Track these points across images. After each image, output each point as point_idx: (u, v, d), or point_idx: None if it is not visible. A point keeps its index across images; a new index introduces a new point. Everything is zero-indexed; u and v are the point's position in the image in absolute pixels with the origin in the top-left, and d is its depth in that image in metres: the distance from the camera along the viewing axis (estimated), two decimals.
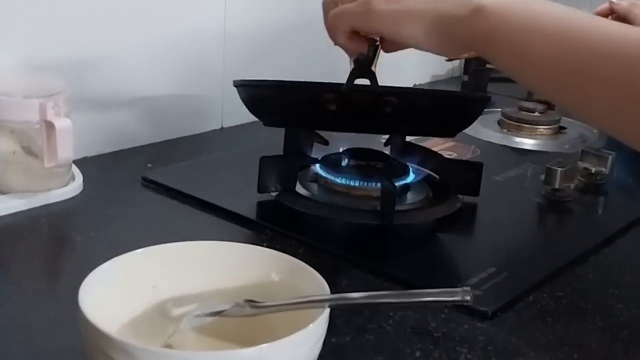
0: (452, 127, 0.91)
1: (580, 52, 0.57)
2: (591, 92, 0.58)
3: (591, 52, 0.57)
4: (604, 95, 0.57)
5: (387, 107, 0.81)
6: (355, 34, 0.73)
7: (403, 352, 0.64)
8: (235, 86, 0.90)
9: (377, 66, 0.79)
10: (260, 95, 0.90)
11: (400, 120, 0.85)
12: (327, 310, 0.54)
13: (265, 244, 0.75)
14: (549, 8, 0.62)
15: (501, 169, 1.05)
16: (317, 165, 0.94)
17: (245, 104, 0.90)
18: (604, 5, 1.02)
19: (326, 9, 0.75)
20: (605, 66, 0.56)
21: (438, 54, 0.69)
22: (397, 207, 0.87)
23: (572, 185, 0.98)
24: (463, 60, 1.60)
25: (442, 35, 0.66)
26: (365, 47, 0.74)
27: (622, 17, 1.00)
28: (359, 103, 0.81)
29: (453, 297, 0.56)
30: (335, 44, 0.74)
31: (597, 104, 0.58)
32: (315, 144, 0.95)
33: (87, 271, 0.56)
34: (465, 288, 0.56)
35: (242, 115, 0.91)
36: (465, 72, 1.58)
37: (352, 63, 0.79)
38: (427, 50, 0.69)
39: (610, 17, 1.02)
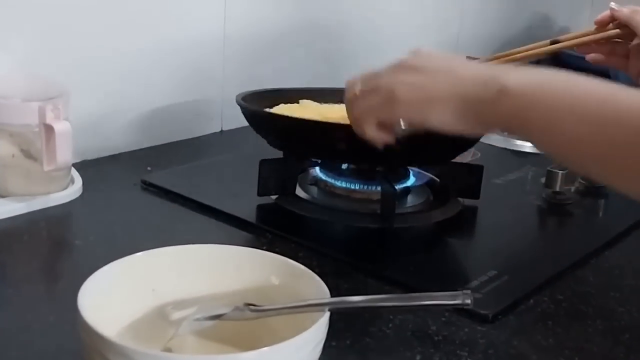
0: (454, 153, 0.91)
1: (612, 125, 0.57)
2: (626, 162, 0.57)
3: (625, 124, 0.56)
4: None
5: (396, 146, 0.80)
6: (381, 124, 0.72)
7: (403, 356, 0.64)
8: (238, 104, 0.90)
9: None
10: (264, 122, 0.90)
11: (407, 155, 0.84)
12: (327, 314, 0.54)
13: (265, 247, 0.75)
14: (572, 81, 0.61)
15: (502, 172, 1.05)
16: (317, 168, 0.93)
17: (248, 121, 0.90)
18: (605, 13, 1.02)
19: (349, 104, 0.74)
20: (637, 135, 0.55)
21: (468, 134, 0.69)
22: (398, 210, 0.87)
23: (573, 188, 0.98)
24: None
25: (471, 118, 0.65)
26: (393, 136, 0.73)
27: (623, 25, 0.99)
28: (368, 143, 0.79)
29: (453, 300, 0.56)
30: (363, 137, 0.73)
31: (632, 173, 0.57)
32: None
33: (86, 274, 0.56)
34: (465, 291, 0.56)
35: (242, 118, 0.91)
36: None
37: None
38: (456, 132, 0.67)
39: (611, 24, 1.02)
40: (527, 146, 1.20)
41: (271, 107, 0.98)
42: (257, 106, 0.95)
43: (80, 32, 0.96)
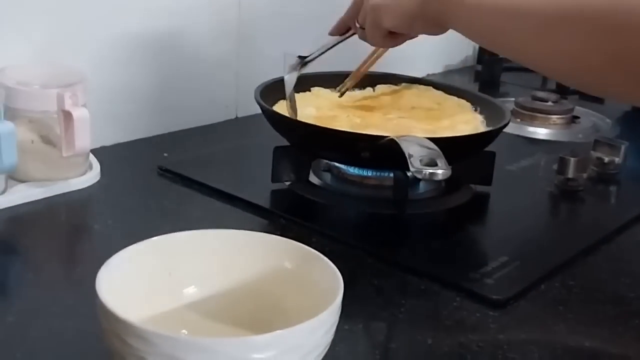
0: (472, 153, 0.92)
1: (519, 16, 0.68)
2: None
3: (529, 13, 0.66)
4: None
5: None
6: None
7: (415, 340, 0.65)
8: (259, 103, 0.90)
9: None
10: (287, 127, 0.90)
11: None
12: (340, 297, 0.54)
13: (278, 233, 0.76)
14: None
15: (514, 159, 1.05)
16: None
17: (269, 122, 0.91)
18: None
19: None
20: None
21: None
22: (410, 197, 0.88)
23: (585, 175, 0.98)
24: (477, 50, 1.60)
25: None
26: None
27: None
28: (390, 152, 0.78)
29: None
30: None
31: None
32: None
33: (104, 258, 0.57)
34: None
35: (256, 105, 0.92)
36: (479, 62, 1.58)
37: None
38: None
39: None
40: (539, 133, 1.20)
41: (285, 97, 0.98)
42: (273, 99, 0.95)
43: (98, 20, 0.97)
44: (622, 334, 0.68)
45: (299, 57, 0.98)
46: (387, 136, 0.80)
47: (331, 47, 0.97)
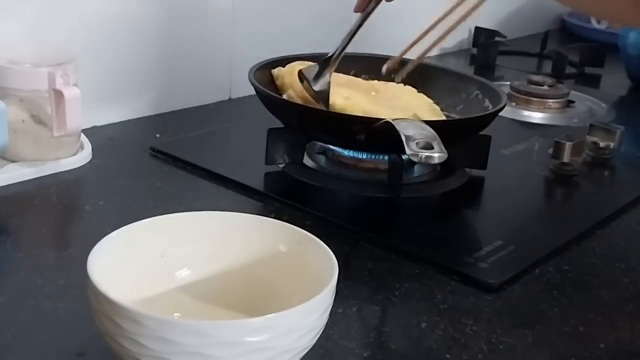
0: (468, 136, 0.91)
1: None
2: None
3: None
4: None
5: None
6: None
7: (409, 324, 0.65)
8: (252, 84, 0.89)
9: None
10: (280, 108, 0.90)
11: None
12: (335, 281, 0.54)
13: (272, 215, 0.75)
14: None
15: (509, 143, 1.05)
16: None
17: (262, 102, 0.90)
18: None
19: None
20: None
21: None
22: (405, 180, 0.87)
23: (580, 160, 0.98)
24: (472, 33, 1.59)
25: None
26: None
27: None
28: (386, 135, 0.78)
29: None
30: None
31: None
32: None
33: (96, 239, 0.56)
34: None
35: (250, 86, 0.91)
36: (474, 45, 1.57)
37: None
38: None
39: None
40: (535, 117, 1.20)
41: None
42: (267, 80, 0.94)
43: None
44: (616, 319, 0.68)
45: (323, 60, 0.90)
46: (382, 119, 0.80)
47: (355, 32, 0.88)
